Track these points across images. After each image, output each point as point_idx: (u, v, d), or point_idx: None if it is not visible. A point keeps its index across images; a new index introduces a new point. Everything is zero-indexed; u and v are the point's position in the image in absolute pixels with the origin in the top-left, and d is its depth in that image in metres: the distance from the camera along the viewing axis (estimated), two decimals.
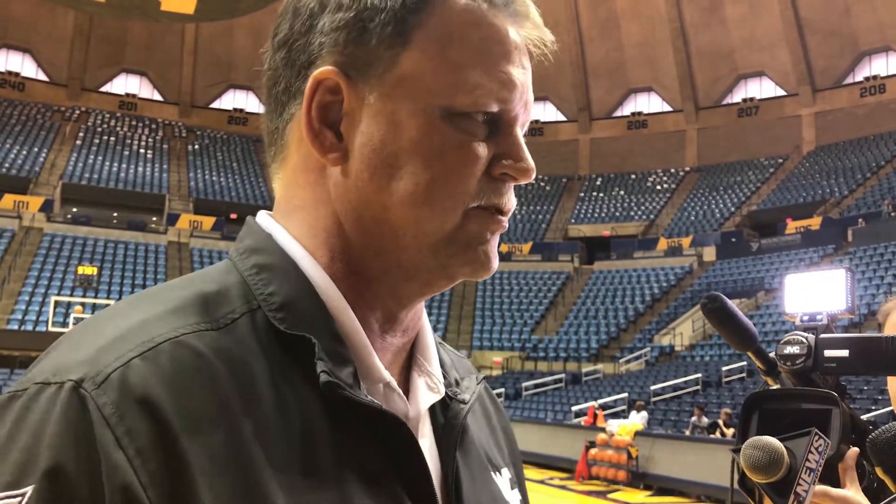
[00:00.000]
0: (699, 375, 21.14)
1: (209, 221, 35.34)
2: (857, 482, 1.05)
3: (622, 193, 41.44)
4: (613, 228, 38.37)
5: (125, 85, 44.83)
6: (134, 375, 0.54)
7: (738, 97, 41.72)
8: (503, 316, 32.25)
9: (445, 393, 0.73)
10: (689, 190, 40.45)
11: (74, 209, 34.66)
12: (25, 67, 42.62)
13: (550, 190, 43.13)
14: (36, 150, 37.74)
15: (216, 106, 46.07)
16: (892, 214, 28.42)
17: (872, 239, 27.34)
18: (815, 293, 1.17)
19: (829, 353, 1.07)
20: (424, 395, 0.70)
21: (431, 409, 0.72)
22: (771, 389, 1.09)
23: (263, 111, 0.72)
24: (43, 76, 43.08)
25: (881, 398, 14.51)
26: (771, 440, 0.92)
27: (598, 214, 40.13)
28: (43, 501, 0.49)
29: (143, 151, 40.66)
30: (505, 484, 0.77)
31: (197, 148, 42.95)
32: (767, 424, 1.04)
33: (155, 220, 35.78)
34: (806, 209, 33.44)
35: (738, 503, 1.06)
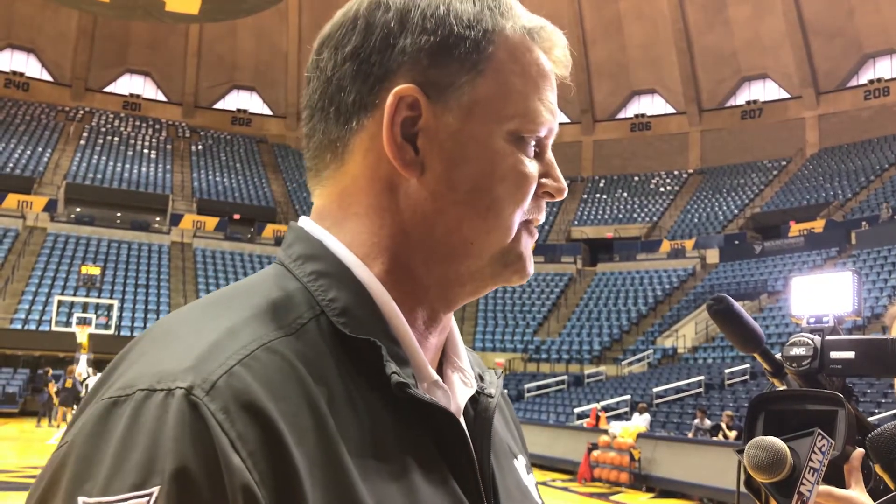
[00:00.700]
0: (702, 378, 21.11)
1: (212, 222, 35.37)
2: (862, 483, 1.05)
3: (625, 195, 41.42)
4: (616, 230, 38.35)
5: (129, 85, 44.92)
6: (238, 382, 0.57)
7: (741, 99, 41.69)
8: (506, 317, 32.24)
9: (476, 387, 0.78)
10: (692, 192, 40.42)
11: (78, 209, 34.72)
12: (30, 67, 42.71)
13: None
14: (40, 149, 37.82)
15: (220, 106, 46.12)
16: (894, 217, 28.39)
17: (876, 242, 27.30)
18: (821, 295, 1.18)
19: (835, 354, 1.08)
20: (461, 389, 0.76)
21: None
22: (777, 391, 1.10)
23: (312, 117, 0.74)
24: (47, 76, 43.17)
25: (885, 400, 14.49)
26: (774, 440, 0.93)
27: (601, 216, 40.11)
28: (172, 500, 0.52)
29: (146, 152, 40.72)
30: (522, 469, 0.84)
31: (200, 148, 42.99)
32: (773, 425, 1.04)
33: (158, 220, 35.82)
34: (809, 212, 33.41)
35: None
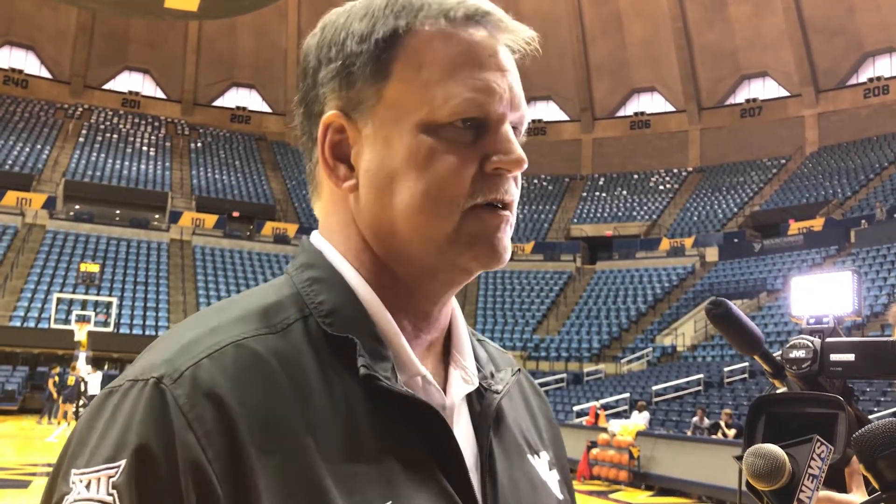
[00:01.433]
0: (701, 376, 21.14)
1: (211, 219, 35.35)
2: (863, 487, 1.04)
3: (624, 193, 41.42)
4: (616, 228, 38.35)
5: (128, 82, 44.87)
6: (203, 373, 0.66)
7: (741, 97, 41.68)
8: (505, 315, 32.25)
9: (480, 384, 0.81)
10: (691, 190, 40.43)
11: (77, 206, 34.70)
12: (29, 64, 42.66)
13: (553, 190, 43.12)
14: (39, 147, 37.78)
15: (219, 104, 46.09)
16: (892, 216, 28.38)
17: (875, 240, 27.31)
18: (821, 295, 1.17)
19: (834, 357, 1.07)
20: (459, 386, 0.79)
21: (469, 398, 0.80)
22: (777, 394, 1.09)
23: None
24: (46, 73, 43.12)
25: (884, 399, 14.51)
26: (772, 448, 0.92)
27: (600, 214, 40.11)
28: (133, 472, 0.62)
29: (145, 149, 40.69)
30: (543, 465, 0.86)
31: (199, 146, 42.97)
32: (773, 429, 1.03)
33: (157, 217, 35.80)
34: (809, 210, 33.42)
35: None
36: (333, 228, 0.80)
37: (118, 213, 35.64)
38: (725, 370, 21.08)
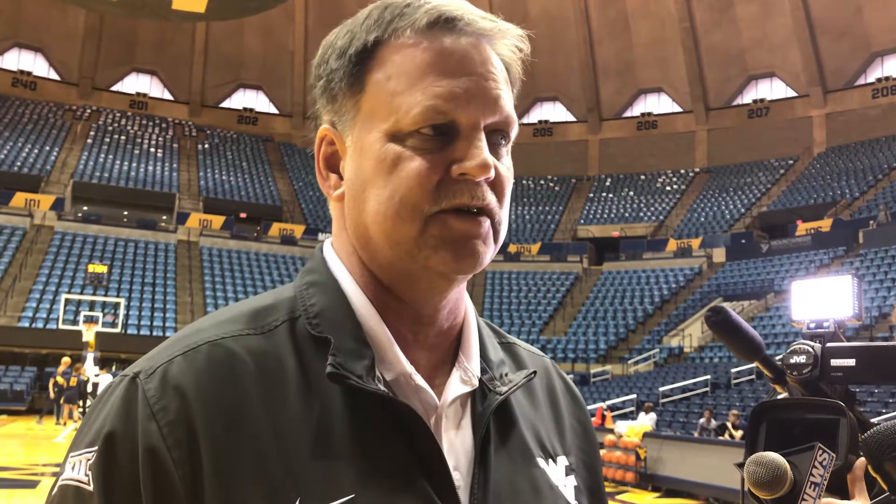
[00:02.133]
0: (708, 377, 21.07)
1: (219, 220, 35.41)
2: (865, 493, 1.03)
3: (631, 194, 41.32)
4: (623, 229, 38.27)
5: (136, 84, 45.00)
6: (174, 369, 0.72)
7: (748, 98, 41.53)
8: (511, 316, 32.21)
9: (485, 385, 0.81)
10: (698, 191, 40.31)
11: (85, 208, 34.81)
12: (37, 66, 42.82)
13: (559, 190, 43.06)
14: (47, 148, 37.92)
15: (226, 105, 46.18)
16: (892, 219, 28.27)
17: (883, 241, 27.17)
18: (821, 300, 1.16)
19: (835, 362, 1.06)
20: (455, 387, 0.79)
21: (473, 400, 0.81)
22: (778, 399, 1.08)
23: None
24: (54, 75, 43.28)
25: (892, 401, 14.44)
26: (774, 457, 0.91)
27: (607, 215, 40.03)
28: (102, 455, 0.70)
29: (153, 150, 40.80)
30: (556, 470, 0.84)
31: (207, 147, 43.06)
32: (775, 434, 1.03)
33: (165, 218, 35.89)
34: (816, 211, 33.27)
35: None
36: (335, 235, 0.84)
37: (126, 214, 35.74)
38: (732, 371, 21.01)
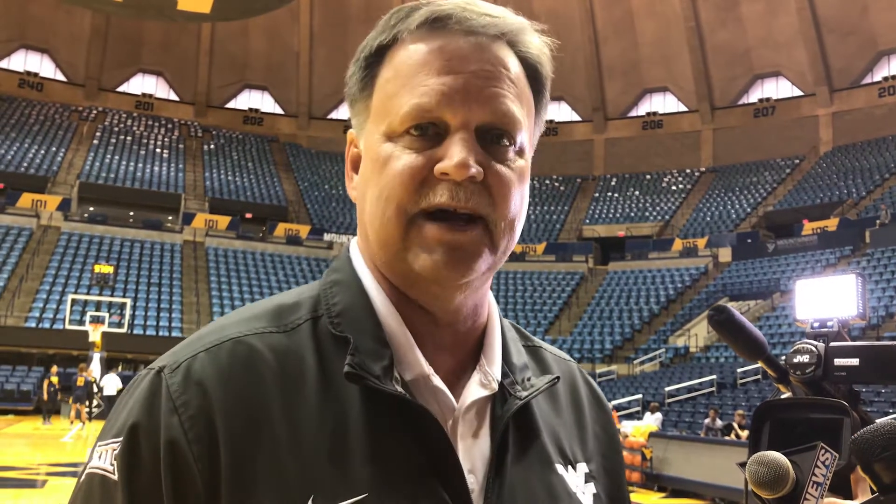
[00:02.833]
0: (714, 377, 21.03)
1: (224, 221, 35.50)
2: (868, 492, 1.03)
3: (637, 194, 41.28)
4: (628, 229, 38.22)
5: (142, 85, 45.14)
6: (197, 365, 0.73)
7: (754, 97, 41.45)
8: (517, 316, 32.20)
9: (506, 389, 0.81)
10: (704, 190, 40.23)
11: (91, 208, 34.93)
12: (44, 67, 42.99)
13: (565, 190, 43.03)
14: (54, 149, 38.06)
15: (231, 106, 46.28)
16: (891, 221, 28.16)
17: (890, 240, 27.08)
18: (826, 299, 1.16)
19: (838, 361, 1.06)
20: (473, 390, 0.79)
21: (493, 404, 0.80)
22: (781, 399, 1.08)
23: None
24: (61, 76, 43.44)
25: None
26: (776, 456, 0.91)
27: (612, 215, 39.98)
28: (126, 445, 0.71)
29: (159, 151, 40.91)
30: (575, 477, 0.84)
31: (212, 147, 43.15)
32: (778, 434, 1.02)
33: (171, 219, 35.99)
34: (823, 210, 33.18)
35: None
36: (358, 235, 0.85)
37: (132, 214, 35.85)
38: (738, 371, 20.97)
